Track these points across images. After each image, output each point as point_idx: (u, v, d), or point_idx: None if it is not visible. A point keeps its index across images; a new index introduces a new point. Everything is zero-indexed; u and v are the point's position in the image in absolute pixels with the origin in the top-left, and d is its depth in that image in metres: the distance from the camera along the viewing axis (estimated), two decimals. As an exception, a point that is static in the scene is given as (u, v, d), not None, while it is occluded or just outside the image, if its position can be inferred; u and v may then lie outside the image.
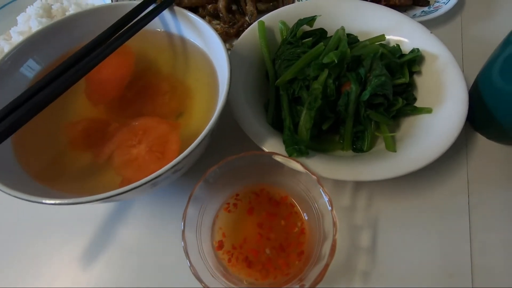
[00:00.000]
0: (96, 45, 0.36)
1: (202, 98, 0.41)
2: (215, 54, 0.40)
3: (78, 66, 0.34)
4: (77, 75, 0.33)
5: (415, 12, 0.58)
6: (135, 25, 0.38)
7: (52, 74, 0.33)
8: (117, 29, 0.38)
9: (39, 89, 0.31)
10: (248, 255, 0.34)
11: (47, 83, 0.32)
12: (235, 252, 0.34)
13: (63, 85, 0.32)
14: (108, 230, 0.40)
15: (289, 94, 0.42)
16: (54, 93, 0.31)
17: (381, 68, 0.39)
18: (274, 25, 0.50)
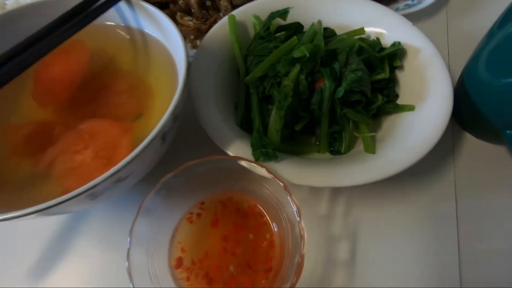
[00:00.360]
0: (42, 37, 0.32)
1: (163, 98, 0.37)
2: (175, 49, 0.36)
3: (18, 59, 0.29)
4: (18, 68, 0.29)
5: (398, 5, 0.55)
6: (86, 16, 0.34)
7: None
8: (66, 20, 0.34)
9: None
10: (209, 271, 0.30)
11: None
12: (194, 268, 0.30)
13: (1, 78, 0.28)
14: (62, 241, 0.35)
15: (259, 93, 0.38)
16: None
17: (357, 62, 0.36)
18: (247, 19, 0.46)
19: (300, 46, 0.35)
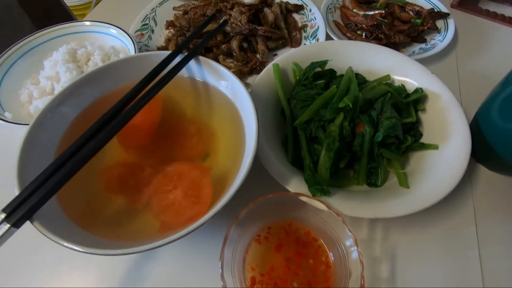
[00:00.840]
0: (130, 99, 0.39)
1: (226, 140, 0.44)
2: (240, 100, 0.43)
3: (116, 120, 0.36)
4: (116, 128, 0.36)
5: (414, 48, 0.63)
6: (165, 77, 0.41)
7: (92, 128, 0.35)
8: (148, 81, 0.41)
9: (83, 144, 0.34)
10: (276, 281, 0.36)
11: (89, 137, 0.35)
12: (264, 280, 0.36)
13: (104, 138, 0.35)
14: (139, 267, 0.41)
15: (307, 134, 0.45)
16: (97, 147, 0.34)
17: (391, 110, 0.43)
18: (287, 66, 0.54)
19: (341, 94, 0.42)
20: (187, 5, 0.71)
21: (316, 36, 0.63)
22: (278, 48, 0.65)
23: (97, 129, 0.36)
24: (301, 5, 0.70)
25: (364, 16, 0.64)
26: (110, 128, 0.36)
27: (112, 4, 0.82)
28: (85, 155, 0.33)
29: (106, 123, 0.36)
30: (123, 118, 0.37)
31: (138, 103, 0.38)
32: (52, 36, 0.59)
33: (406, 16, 0.66)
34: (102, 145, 0.34)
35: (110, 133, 0.35)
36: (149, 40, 0.67)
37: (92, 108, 0.44)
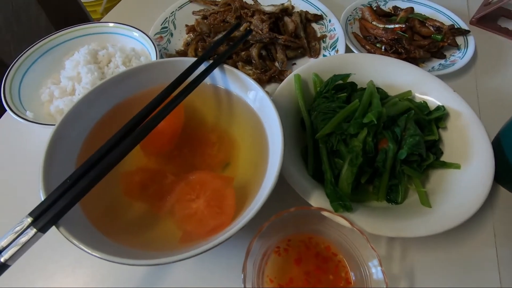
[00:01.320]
0: (155, 106, 0.39)
1: (246, 149, 0.44)
2: (263, 111, 0.43)
3: (141, 128, 0.36)
4: (141, 135, 0.36)
5: (433, 64, 0.63)
6: (190, 85, 0.41)
7: (117, 135, 0.35)
8: (173, 88, 0.41)
9: (108, 151, 0.34)
10: None
11: (114, 144, 0.35)
12: None
13: (129, 146, 0.34)
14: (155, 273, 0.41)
15: (328, 147, 0.45)
16: (122, 154, 0.34)
17: (414, 127, 0.43)
18: (307, 76, 0.54)
19: (363, 107, 0.42)
20: (207, 10, 0.72)
21: (336, 47, 0.63)
22: (296, 57, 0.65)
23: (122, 136, 0.36)
24: (321, 15, 0.70)
25: (384, 30, 0.64)
26: (135, 135, 0.35)
27: (129, 5, 0.82)
28: (109, 162, 0.33)
29: (131, 130, 0.36)
30: (147, 126, 0.37)
31: (163, 111, 0.38)
32: (73, 36, 0.59)
33: (426, 31, 0.65)
34: (126, 153, 0.34)
35: (135, 140, 0.35)
36: (168, 43, 0.67)
37: (114, 112, 0.44)
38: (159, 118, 0.38)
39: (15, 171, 0.49)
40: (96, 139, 0.42)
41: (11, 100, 0.49)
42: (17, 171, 0.49)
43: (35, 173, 0.34)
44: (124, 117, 0.44)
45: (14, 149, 0.52)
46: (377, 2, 0.74)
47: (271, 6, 0.66)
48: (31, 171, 0.37)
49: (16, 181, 0.48)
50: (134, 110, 0.45)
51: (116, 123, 0.44)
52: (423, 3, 0.73)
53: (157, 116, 0.37)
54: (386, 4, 0.75)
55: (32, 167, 0.35)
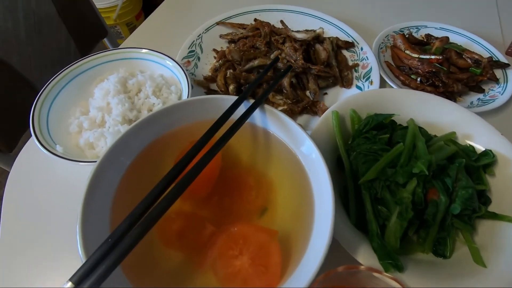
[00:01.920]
0: (196, 152, 0.37)
1: (285, 195, 0.42)
2: (306, 157, 0.41)
3: (184, 178, 0.34)
4: (184, 185, 0.34)
5: (472, 99, 0.60)
6: (231, 129, 0.39)
7: (160, 186, 0.33)
8: (213, 132, 0.39)
9: (150, 204, 0.32)
10: None
11: (156, 196, 0.33)
12: None
13: (172, 198, 0.32)
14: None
15: (372, 194, 0.43)
16: (165, 208, 0.32)
17: (466, 178, 0.40)
18: (344, 112, 0.52)
19: (417, 162, 0.40)
20: (235, 34, 0.70)
21: (369, 78, 0.61)
22: (328, 87, 0.63)
23: (163, 187, 0.34)
24: (352, 43, 0.68)
25: (420, 61, 0.62)
26: (178, 186, 0.33)
27: (151, 27, 0.81)
28: (152, 218, 0.31)
29: (172, 180, 0.34)
30: (190, 175, 0.34)
31: (206, 158, 0.36)
32: (101, 61, 0.58)
33: (463, 63, 0.63)
34: (169, 206, 0.32)
35: (178, 192, 0.33)
36: (195, 68, 0.65)
37: (149, 151, 0.42)
38: (202, 166, 0.36)
39: (47, 211, 0.48)
40: (131, 181, 0.40)
41: (40, 131, 0.47)
42: (48, 211, 0.47)
43: (67, 211, 0.32)
44: (159, 156, 0.43)
45: (41, 184, 0.50)
46: (409, 29, 0.72)
47: (302, 33, 0.64)
48: (64, 208, 0.35)
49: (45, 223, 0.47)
50: (170, 150, 0.43)
51: (151, 164, 0.43)
52: (457, 32, 0.71)
53: (199, 164, 0.35)
54: (419, 31, 0.73)
55: (66, 202, 0.33)
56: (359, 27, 0.72)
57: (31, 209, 0.48)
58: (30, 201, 0.49)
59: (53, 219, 0.47)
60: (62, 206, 0.47)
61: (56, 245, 0.45)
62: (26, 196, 0.50)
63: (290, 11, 0.76)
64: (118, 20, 1.86)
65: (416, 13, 0.82)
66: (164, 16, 0.84)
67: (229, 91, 0.59)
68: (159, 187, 0.33)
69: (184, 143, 0.43)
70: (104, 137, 0.47)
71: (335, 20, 0.72)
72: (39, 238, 0.46)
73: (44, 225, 0.47)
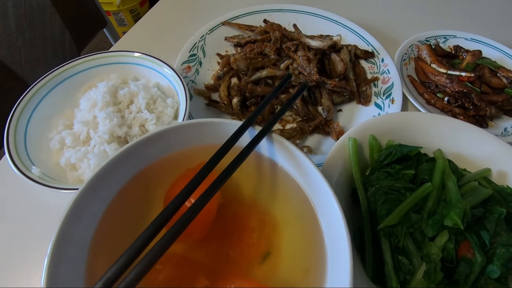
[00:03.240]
0: (193, 188, 0.31)
1: (291, 236, 0.36)
2: (317, 195, 0.35)
3: (176, 226, 0.28)
4: (179, 230, 0.28)
5: (506, 125, 0.54)
6: (234, 163, 0.33)
7: (151, 228, 0.28)
8: (213, 164, 0.33)
9: (139, 251, 0.26)
10: None
11: (145, 241, 0.27)
12: None
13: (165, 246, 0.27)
14: None
15: (392, 243, 0.37)
16: (155, 257, 0.26)
17: (507, 233, 0.34)
18: (362, 138, 0.45)
19: (451, 213, 0.34)
20: (242, 37, 0.63)
21: (391, 95, 0.55)
22: (343, 103, 0.57)
23: (154, 230, 0.28)
24: (372, 53, 0.61)
25: (448, 78, 0.55)
26: (173, 231, 0.28)
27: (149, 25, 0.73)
28: (139, 272, 0.26)
29: (165, 221, 0.29)
30: (187, 218, 0.29)
31: (205, 197, 0.30)
32: (91, 65, 0.51)
33: (497, 83, 0.56)
34: (161, 255, 0.27)
35: (172, 238, 0.27)
36: (196, 74, 0.59)
37: (136, 183, 0.36)
38: (197, 210, 0.30)
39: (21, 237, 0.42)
40: (113, 221, 0.34)
41: (15, 148, 0.41)
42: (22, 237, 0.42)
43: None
44: (147, 190, 0.37)
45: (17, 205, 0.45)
46: (436, 39, 0.65)
47: (317, 40, 0.57)
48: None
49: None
50: (161, 181, 0.37)
51: (138, 195, 0.37)
52: (491, 45, 0.63)
53: (195, 208, 0.29)
54: (446, 41, 0.65)
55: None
56: (380, 34, 0.65)
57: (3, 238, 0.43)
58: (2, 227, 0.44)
59: (29, 245, 0.42)
60: (39, 234, 0.42)
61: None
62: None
63: (304, 12, 0.68)
64: (122, 6, 1.78)
65: (444, 21, 0.74)
66: (164, 13, 0.77)
67: (232, 105, 0.52)
68: (143, 237, 0.27)
69: (177, 173, 0.38)
70: (88, 158, 0.41)
71: (354, 25, 0.65)
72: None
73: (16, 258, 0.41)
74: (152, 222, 0.28)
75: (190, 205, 0.29)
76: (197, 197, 0.30)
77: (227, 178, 0.32)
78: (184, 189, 0.31)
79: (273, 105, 0.54)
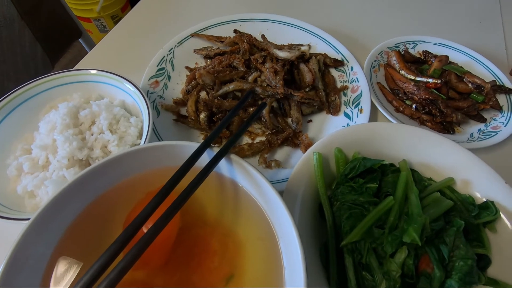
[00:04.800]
0: (147, 215, 0.30)
1: (255, 256, 0.36)
2: (274, 213, 0.35)
3: (135, 249, 0.28)
4: (134, 258, 0.27)
5: (472, 130, 0.54)
6: (190, 187, 0.32)
7: (104, 257, 0.27)
8: (169, 188, 0.32)
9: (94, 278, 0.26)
10: None
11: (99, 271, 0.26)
12: None
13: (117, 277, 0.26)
14: None
15: (355, 259, 0.37)
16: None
17: (466, 246, 0.34)
18: (329, 151, 0.45)
19: (409, 229, 0.34)
20: (210, 48, 0.62)
21: (359, 104, 0.55)
22: (313, 113, 0.57)
23: (109, 259, 0.27)
24: (341, 61, 0.61)
25: (416, 85, 0.55)
26: (127, 261, 0.27)
27: (117, 40, 0.72)
28: None
29: (120, 249, 0.28)
30: (143, 244, 0.28)
31: (159, 224, 0.30)
32: (51, 85, 0.50)
33: (464, 88, 0.57)
34: (116, 283, 0.26)
35: (126, 268, 0.27)
36: (165, 89, 0.58)
37: (93, 208, 0.36)
38: (152, 238, 0.29)
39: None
40: (71, 246, 0.33)
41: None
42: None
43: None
44: (109, 213, 0.36)
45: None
46: (405, 44, 0.65)
47: (285, 51, 0.57)
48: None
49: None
50: (120, 205, 0.37)
51: (95, 223, 0.36)
52: (458, 49, 0.64)
53: (153, 231, 0.29)
54: (416, 46, 0.66)
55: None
56: (351, 41, 0.65)
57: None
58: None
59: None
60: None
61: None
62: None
63: (275, 21, 0.68)
64: (102, 12, 1.74)
65: (414, 27, 0.74)
66: (135, 25, 0.75)
67: (199, 120, 0.52)
68: (97, 266, 0.26)
69: (136, 197, 0.37)
70: (45, 185, 0.40)
71: (324, 33, 0.65)
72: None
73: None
74: (105, 251, 0.27)
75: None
76: (154, 222, 0.29)
77: (183, 203, 0.32)
78: (138, 216, 0.30)
79: (243, 119, 0.53)
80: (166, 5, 0.79)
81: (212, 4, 0.78)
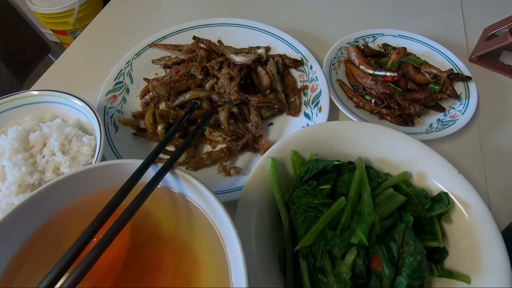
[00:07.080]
0: (90, 235, 0.30)
1: (210, 270, 0.35)
2: (222, 225, 0.34)
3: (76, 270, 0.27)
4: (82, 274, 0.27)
5: (431, 120, 0.54)
6: (134, 205, 0.32)
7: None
8: (113, 207, 0.32)
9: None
10: None
11: None
12: None
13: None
14: None
15: (310, 262, 0.37)
16: None
17: (414, 241, 0.34)
18: (285, 155, 0.45)
19: (357, 230, 0.34)
20: (168, 58, 0.62)
21: (318, 104, 0.54)
22: (273, 116, 0.56)
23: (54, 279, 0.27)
24: (301, 61, 0.61)
25: (374, 80, 0.55)
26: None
27: (72, 60, 0.70)
28: None
29: (62, 272, 0.28)
30: (85, 266, 0.28)
31: (101, 245, 0.29)
32: (3, 108, 0.49)
33: (421, 79, 0.57)
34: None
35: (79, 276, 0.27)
36: (123, 103, 0.57)
37: (40, 234, 0.35)
38: (98, 255, 0.29)
39: None
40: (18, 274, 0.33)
41: None
42: None
43: None
44: (57, 238, 0.36)
45: None
46: (364, 39, 0.65)
47: (241, 56, 0.56)
48: None
49: None
50: (70, 229, 0.36)
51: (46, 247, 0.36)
52: (416, 39, 0.64)
53: (96, 251, 0.29)
54: (375, 40, 0.66)
55: None
56: (311, 39, 0.65)
57: None
58: None
59: None
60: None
61: None
62: None
63: (233, 24, 0.67)
64: (78, 24, 1.72)
65: (374, 20, 0.74)
66: (92, 38, 0.74)
67: (157, 133, 0.51)
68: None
69: (87, 219, 0.36)
70: (-7, 214, 0.39)
71: (283, 33, 0.64)
72: None
73: None
74: (42, 279, 0.27)
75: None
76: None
77: (128, 219, 0.31)
78: (78, 239, 0.30)
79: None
80: (125, 15, 0.78)
81: (170, 13, 0.77)
